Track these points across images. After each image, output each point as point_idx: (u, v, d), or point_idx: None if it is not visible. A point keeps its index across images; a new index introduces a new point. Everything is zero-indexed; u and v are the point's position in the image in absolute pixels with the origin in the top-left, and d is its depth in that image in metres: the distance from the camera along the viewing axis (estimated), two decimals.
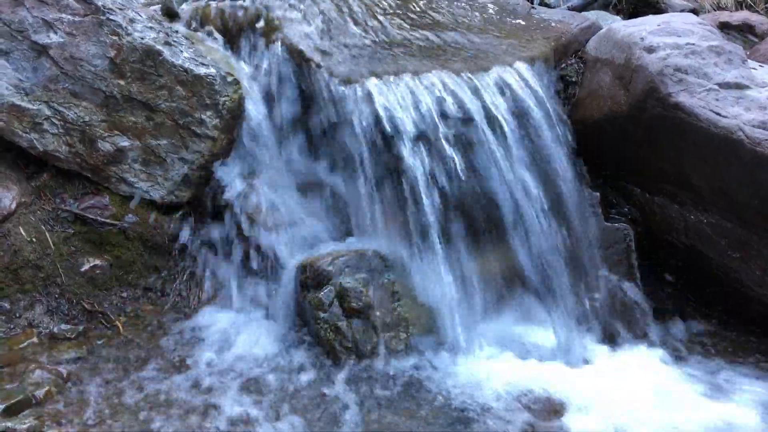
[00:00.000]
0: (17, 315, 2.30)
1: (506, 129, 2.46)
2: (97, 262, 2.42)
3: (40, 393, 1.99)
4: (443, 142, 2.40)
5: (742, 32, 3.98)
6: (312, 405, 2.05)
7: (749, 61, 2.60)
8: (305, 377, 2.18)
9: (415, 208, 2.37)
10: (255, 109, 2.55)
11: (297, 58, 2.54)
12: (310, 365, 2.23)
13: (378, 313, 2.28)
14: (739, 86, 2.39)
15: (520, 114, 2.51)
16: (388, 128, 2.38)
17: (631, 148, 2.58)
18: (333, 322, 2.27)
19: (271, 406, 2.04)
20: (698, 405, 2.07)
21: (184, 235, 2.53)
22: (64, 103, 2.39)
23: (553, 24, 2.98)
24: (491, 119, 2.45)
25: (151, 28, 2.48)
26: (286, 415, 2.01)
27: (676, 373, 2.23)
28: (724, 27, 3.92)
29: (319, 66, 2.49)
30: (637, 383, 2.16)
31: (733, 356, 2.36)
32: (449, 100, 2.43)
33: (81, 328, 2.32)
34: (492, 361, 2.24)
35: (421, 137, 2.40)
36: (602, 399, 2.07)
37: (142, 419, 1.96)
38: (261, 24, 2.64)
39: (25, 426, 1.88)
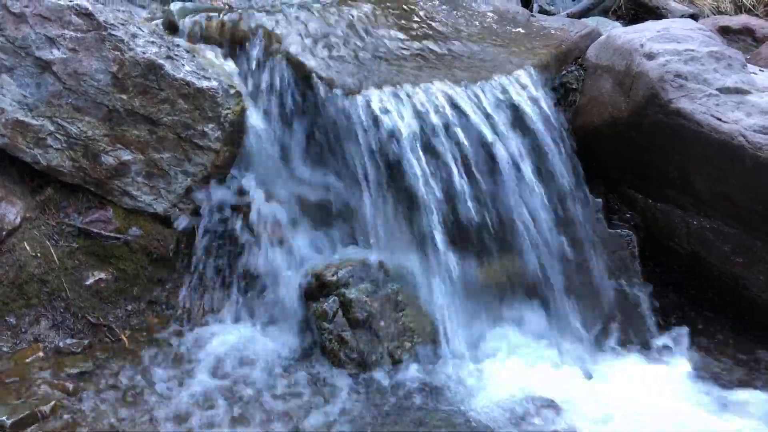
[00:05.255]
0: (23, 330, 2.30)
1: (508, 137, 2.47)
2: (102, 275, 2.43)
3: (46, 408, 2.00)
4: (445, 151, 2.40)
5: (743, 36, 3.98)
6: (316, 414, 2.05)
7: (749, 65, 2.61)
8: (310, 387, 2.18)
9: (418, 218, 2.38)
10: (257, 121, 2.56)
11: (298, 70, 2.55)
12: (314, 375, 2.23)
13: (382, 323, 2.28)
14: (739, 91, 2.39)
15: (520, 122, 2.52)
16: (389, 138, 2.38)
17: (632, 154, 2.58)
18: (337, 332, 2.27)
19: (277, 417, 2.04)
20: (705, 416, 2.06)
21: (188, 247, 2.53)
22: (68, 118, 2.41)
23: (552, 31, 2.99)
24: (492, 128, 2.46)
25: (152, 42, 2.49)
26: (291, 424, 2.01)
27: (681, 381, 2.23)
28: (724, 31, 3.91)
29: (320, 77, 2.50)
30: (642, 392, 2.15)
31: (736, 362, 2.35)
32: (449, 109, 2.44)
33: (86, 342, 2.32)
34: (497, 371, 2.24)
35: (423, 147, 2.41)
36: (607, 408, 2.07)
37: None
38: (262, 36, 2.65)
39: None
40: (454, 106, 2.46)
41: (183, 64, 2.49)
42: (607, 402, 2.10)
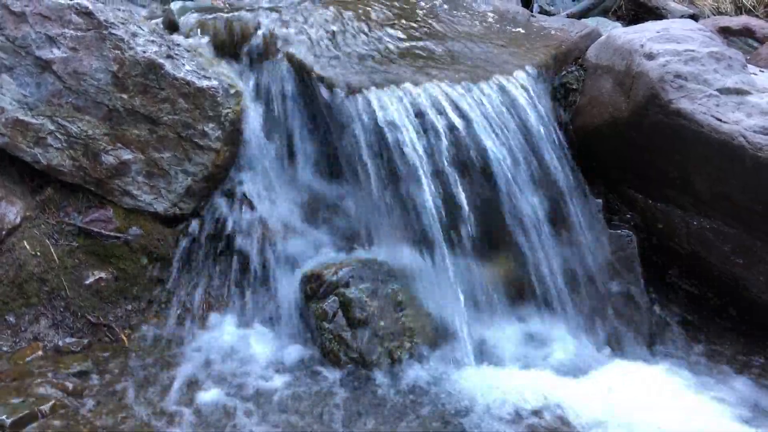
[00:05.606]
0: (22, 329, 2.30)
1: (507, 138, 2.46)
2: (102, 274, 2.43)
3: (45, 407, 2.00)
4: (445, 151, 2.40)
5: (743, 37, 3.98)
6: (316, 414, 2.05)
7: (749, 66, 2.61)
8: (310, 387, 2.18)
9: (419, 218, 2.38)
10: (257, 121, 2.57)
11: (298, 69, 2.55)
12: (314, 375, 2.23)
13: (382, 323, 2.28)
14: (739, 92, 2.40)
15: (520, 122, 2.52)
16: (389, 137, 2.39)
17: (632, 154, 2.58)
18: (337, 332, 2.27)
19: (277, 417, 2.04)
20: (706, 416, 2.06)
21: (188, 247, 2.53)
22: (68, 118, 2.41)
23: (553, 32, 2.99)
24: (492, 128, 2.46)
25: (153, 41, 2.49)
26: (291, 425, 2.01)
27: (681, 382, 2.23)
28: (725, 32, 3.92)
29: (320, 77, 2.50)
30: (643, 392, 2.15)
31: (736, 363, 2.35)
32: (450, 109, 2.44)
33: (86, 341, 2.33)
34: (497, 372, 2.24)
35: (423, 146, 2.40)
36: (609, 410, 2.07)
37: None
38: (262, 35, 2.65)
39: None
40: (455, 105, 2.46)
41: (183, 64, 2.49)
42: (608, 402, 2.10)
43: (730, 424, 2.04)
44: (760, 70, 2.60)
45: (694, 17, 4.23)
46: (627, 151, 2.59)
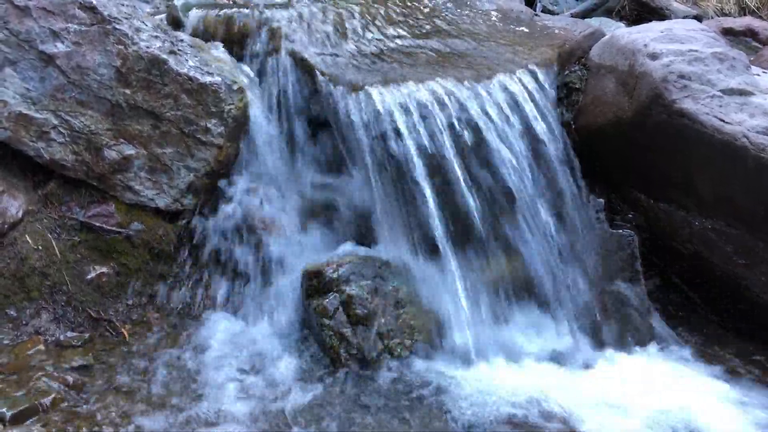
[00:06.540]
0: (24, 322, 2.31)
1: (509, 137, 2.47)
2: (103, 269, 2.43)
3: (46, 400, 2.00)
4: (447, 149, 2.40)
5: (746, 38, 3.98)
6: (316, 411, 2.06)
7: (753, 67, 2.61)
8: (309, 383, 2.18)
9: (420, 216, 2.38)
10: (260, 117, 2.57)
11: (301, 66, 2.56)
12: (314, 371, 2.24)
13: (383, 320, 2.28)
14: (742, 93, 2.39)
15: (523, 121, 2.52)
16: (391, 135, 2.38)
17: (635, 154, 2.58)
18: (338, 329, 2.27)
19: (275, 413, 2.04)
20: (704, 417, 2.07)
21: (190, 242, 2.53)
22: (71, 112, 2.41)
23: (556, 31, 2.99)
24: (495, 127, 2.46)
25: (156, 37, 2.50)
26: (291, 420, 2.01)
27: (680, 381, 2.23)
28: (728, 33, 3.92)
29: (323, 74, 2.50)
30: (642, 391, 2.15)
31: (736, 363, 2.35)
32: (452, 107, 2.44)
33: (87, 335, 2.33)
34: (498, 369, 2.24)
35: (426, 145, 2.40)
36: (608, 407, 2.07)
37: (149, 426, 1.96)
38: (265, 33, 2.65)
39: None
40: (458, 104, 2.45)
41: (186, 59, 2.50)
42: (606, 400, 2.10)
43: (728, 421, 2.04)
44: (763, 71, 2.60)
45: (698, 18, 4.23)
46: (630, 151, 2.59)
